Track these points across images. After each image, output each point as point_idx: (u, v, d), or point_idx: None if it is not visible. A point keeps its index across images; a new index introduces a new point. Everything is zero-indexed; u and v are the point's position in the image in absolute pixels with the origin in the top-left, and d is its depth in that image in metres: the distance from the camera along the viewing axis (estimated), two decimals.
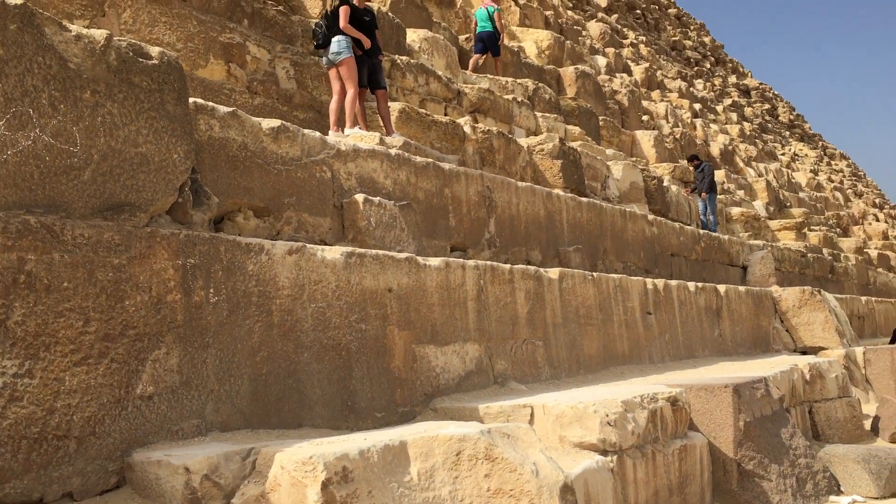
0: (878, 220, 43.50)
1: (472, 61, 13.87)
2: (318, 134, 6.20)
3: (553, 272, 7.59)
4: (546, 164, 11.25)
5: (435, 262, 5.96)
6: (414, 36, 11.60)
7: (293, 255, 4.76)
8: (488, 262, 6.66)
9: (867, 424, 11.07)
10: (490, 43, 14.01)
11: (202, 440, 3.96)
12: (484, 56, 14.02)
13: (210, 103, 5.15)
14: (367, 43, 8.33)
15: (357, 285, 5.15)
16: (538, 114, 13.53)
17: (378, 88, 8.69)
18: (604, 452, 5.14)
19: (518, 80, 13.98)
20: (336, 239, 6.25)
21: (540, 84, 14.54)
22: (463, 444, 3.73)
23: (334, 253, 5.06)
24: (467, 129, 9.92)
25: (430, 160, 7.58)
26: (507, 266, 6.89)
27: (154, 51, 4.37)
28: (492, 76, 13.49)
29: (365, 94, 8.72)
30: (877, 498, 6.74)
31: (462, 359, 6.08)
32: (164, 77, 4.37)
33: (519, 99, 12.88)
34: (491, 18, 13.96)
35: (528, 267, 7.25)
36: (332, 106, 8.30)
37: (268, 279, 4.56)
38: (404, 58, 10.41)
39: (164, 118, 4.33)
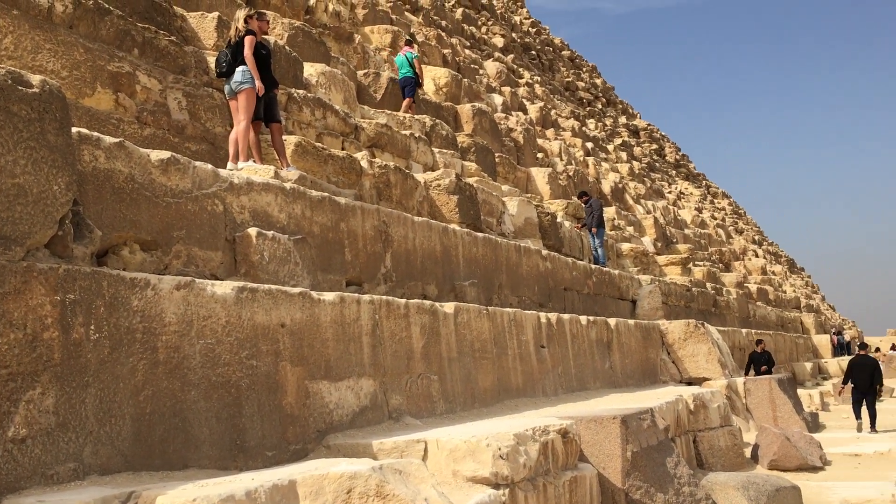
0: (757, 255, 45.88)
1: (403, 105, 14.63)
2: (209, 166, 6.09)
3: (448, 306, 7.66)
4: (443, 200, 11.38)
5: (329, 296, 5.92)
6: (311, 70, 11.59)
7: (181, 291, 4.64)
8: (384, 297, 6.66)
9: (748, 452, 11.58)
10: (409, 86, 14.96)
11: (79, 484, 3.78)
12: (410, 100, 14.89)
13: (95, 133, 4.99)
14: (259, 89, 8.25)
15: (249, 321, 5.06)
16: (435, 150, 13.71)
17: (273, 121, 8.62)
18: (496, 486, 5.18)
19: (416, 116, 14.15)
20: (228, 273, 6.13)
21: (437, 120, 14.74)
22: (354, 481, 3.70)
23: (225, 288, 4.96)
24: (364, 163, 9.94)
25: (325, 194, 7.55)
26: (403, 300, 6.91)
27: (35, 79, 4.22)
28: (390, 112, 13.60)
29: (260, 126, 8.63)
30: None
31: (356, 394, 6.04)
32: (45, 106, 4.21)
33: (416, 135, 13.02)
34: (411, 64, 14.94)
35: (424, 301, 7.29)
36: (232, 137, 8.18)
37: (154, 315, 4.42)
38: (301, 91, 10.38)
39: (45, 148, 4.17)
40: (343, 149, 10.68)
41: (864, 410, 15.84)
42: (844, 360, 26.21)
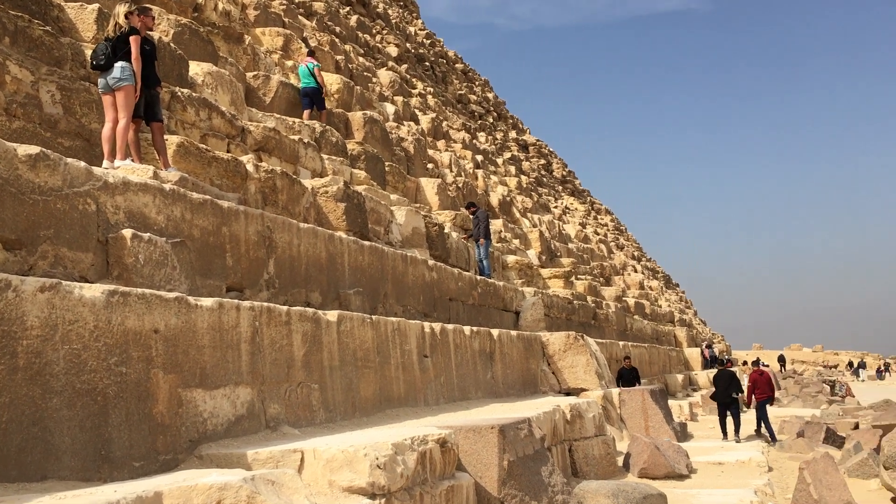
0: (636, 270, 47.68)
1: (304, 115, 14.60)
2: (83, 164, 5.84)
3: (332, 314, 7.60)
4: (330, 207, 11.30)
5: (208, 302, 5.77)
6: (197, 69, 11.28)
7: (46, 293, 4.42)
8: (265, 304, 6.55)
9: (620, 461, 11.99)
10: (315, 97, 15.11)
11: None
12: (311, 111, 14.93)
13: None
14: (137, 90, 8.00)
15: (119, 326, 4.87)
16: (325, 156, 13.59)
17: (154, 120, 8.33)
18: (372, 496, 5.17)
19: (305, 122, 13.99)
20: (99, 276, 5.88)
21: (328, 127, 14.63)
22: (224, 492, 3.61)
23: (94, 291, 4.76)
24: (250, 167, 9.75)
25: (207, 197, 7.36)
26: (285, 308, 6.81)
27: None
28: (279, 116, 13.40)
29: (140, 125, 8.33)
30: None
31: (233, 403, 5.90)
32: None
33: (305, 140, 12.88)
34: (312, 74, 15.13)
35: (307, 309, 7.21)
36: (106, 134, 7.84)
37: (14, 318, 4.19)
38: (186, 91, 10.08)
39: None
40: (229, 151, 10.44)
41: (730, 420, 16.73)
42: (713, 372, 27.52)
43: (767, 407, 17.63)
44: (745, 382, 19.49)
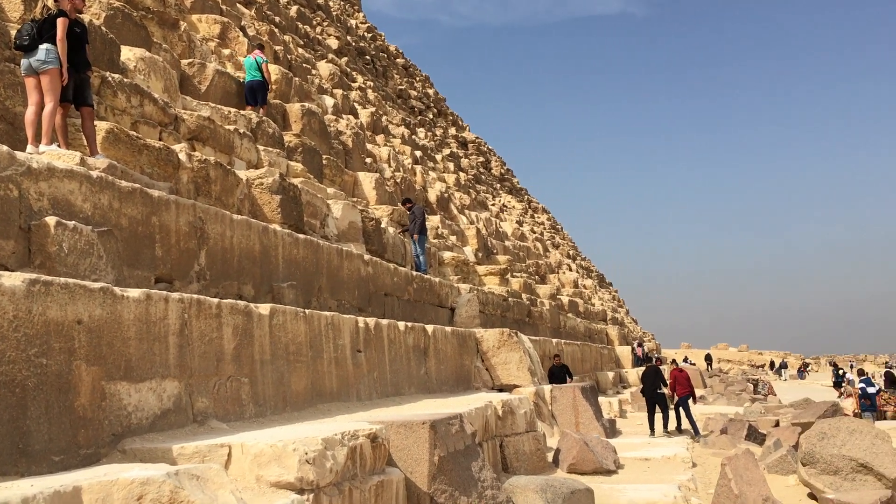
0: (570, 269, 48.35)
1: (246, 111, 14.28)
2: (5, 148, 5.64)
3: (264, 308, 7.51)
4: (265, 199, 11.15)
5: (134, 293, 5.64)
6: (130, 54, 10.99)
7: None
8: (194, 296, 6.42)
9: (550, 456, 12.16)
10: (260, 92, 14.93)
11: None
12: (254, 106, 14.72)
13: None
14: (64, 78, 7.75)
15: (40, 316, 4.72)
16: (261, 147, 13.40)
17: (84, 105, 8.09)
18: (300, 491, 5.13)
19: (241, 112, 13.77)
20: (20, 264, 5.69)
21: (265, 118, 14.43)
22: (146, 487, 3.54)
23: (14, 280, 4.60)
24: (183, 156, 9.55)
25: (137, 186, 7.19)
26: (216, 300, 6.70)
27: None
28: (214, 105, 13.16)
29: (69, 109, 8.08)
30: None
31: (159, 396, 5.78)
32: None
33: (241, 130, 12.67)
34: (260, 68, 14.92)
35: (238, 302, 7.11)
36: (29, 118, 7.58)
37: None
38: (117, 76, 9.81)
39: None
40: (161, 139, 10.20)
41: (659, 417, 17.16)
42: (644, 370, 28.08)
43: (691, 403, 18.15)
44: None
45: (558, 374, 19.75)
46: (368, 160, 21.39)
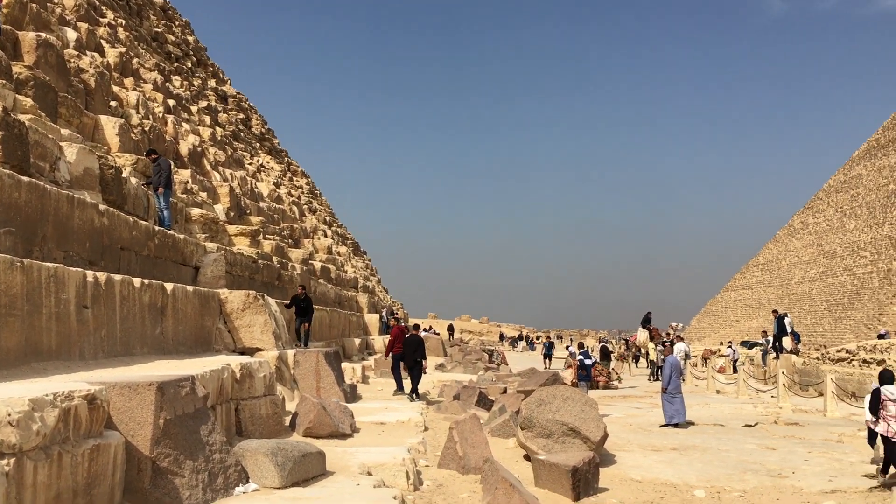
0: (326, 235, 48.34)
1: None
2: None
3: None
4: None
5: None
6: None
7: None
8: None
9: (288, 420, 12.16)
10: None
11: None
12: None
13: None
14: None
15: None
16: None
17: None
18: (0, 455, 4.71)
19: None
20: None
21: None
22: None
23: None
24: None
25: None
26: None
27: None
28: None
29: None
30: (279, 487, 7.40)
31: None
32: None
33: None
34: None
35: None
36: None
37: None
38: None
39: None
40: None
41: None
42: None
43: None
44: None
45: (301, 304, 20.40)
46: (114, 104, 19.84)
